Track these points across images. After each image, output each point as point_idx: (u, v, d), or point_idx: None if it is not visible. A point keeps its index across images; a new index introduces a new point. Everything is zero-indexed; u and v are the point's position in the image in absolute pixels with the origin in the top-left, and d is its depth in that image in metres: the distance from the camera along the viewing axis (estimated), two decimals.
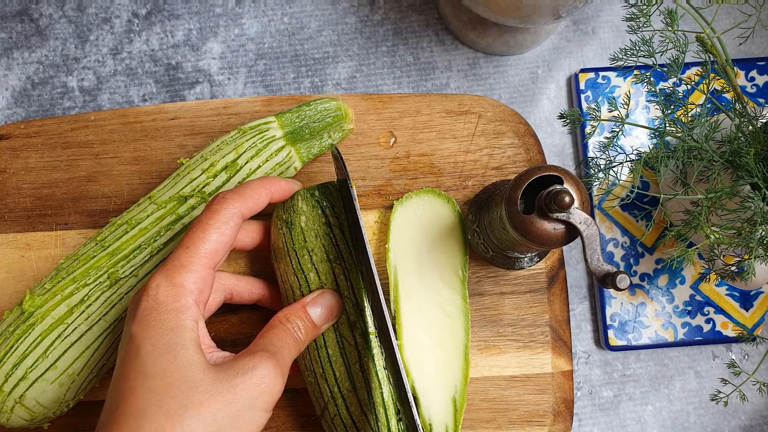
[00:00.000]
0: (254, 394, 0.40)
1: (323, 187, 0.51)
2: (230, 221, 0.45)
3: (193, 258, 0.43)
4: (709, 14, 0.49)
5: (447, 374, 0.55)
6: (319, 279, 0.49)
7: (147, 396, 0.39)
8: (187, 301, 0.42)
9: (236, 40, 0.62)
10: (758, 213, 0.43)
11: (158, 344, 0.40)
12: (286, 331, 0.46)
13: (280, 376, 0.42)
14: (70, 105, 0.62)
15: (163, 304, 0.41)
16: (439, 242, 0.56)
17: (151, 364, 0.40)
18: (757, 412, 0.60)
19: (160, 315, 0.41)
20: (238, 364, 0.41)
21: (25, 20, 0.62)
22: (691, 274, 0.60)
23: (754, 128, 0.47)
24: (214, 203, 0.45)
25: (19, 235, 0.57)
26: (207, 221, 0.44)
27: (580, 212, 0.42)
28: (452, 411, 0.54)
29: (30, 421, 0.50)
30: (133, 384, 0.39)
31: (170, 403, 0.38)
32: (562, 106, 0.63)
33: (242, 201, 0.46)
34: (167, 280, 0.42)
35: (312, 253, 0.49)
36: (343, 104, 0.56)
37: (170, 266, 0.43)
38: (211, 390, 0.39)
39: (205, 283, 0.43)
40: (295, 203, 0.50)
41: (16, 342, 0.49)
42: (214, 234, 0.44)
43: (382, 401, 0.49)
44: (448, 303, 0.56)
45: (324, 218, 0.50)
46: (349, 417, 0.49)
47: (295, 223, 0.50)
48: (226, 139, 0.54)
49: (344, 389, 0.49)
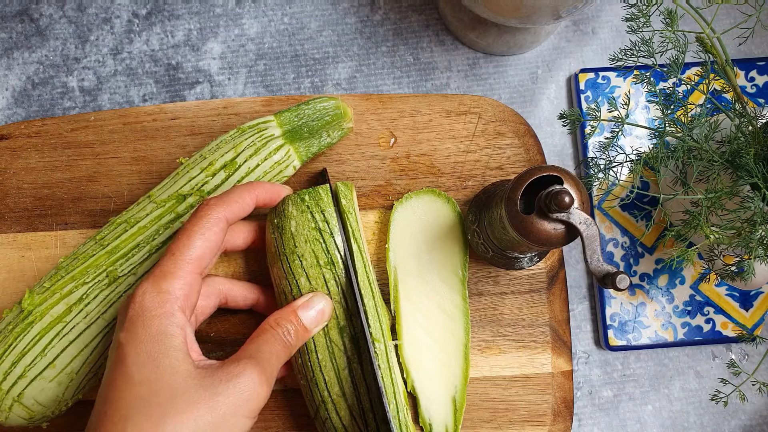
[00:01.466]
0: (237, 401, 0.41)
1: (314, 191, 0.51)
2: (214, 227, 0.46)
3: (178, 264, 0.44)
4: (708, 14, 0.49)
5: (447, 374, 0.55)
6: (309, 284, 0.49)
7: (133, 402, 0.40)
8: (172, 307, 0.43)
9: (236, 40, 0.62)
10: (758, 213, 0.43)
11: (143, 352, 0.41)
12: (275, 336, 0.46)
13: (264, 384, 0.42)
14: (71, 105, 0.62)
15: (148, 310, 0.42)
16: (439, 242, 0.57)
17: (137, 372, 0.40)
18: (757, 412, 0.60)
19: (146, 321, 0.42)
20: (223, 372, 0.42)
21: (25, 20, 0.62)
22: (691, 274, 0.60)
23: (753, 128, 0.47)
24: (198, 210, 0.46)
25: (20, 235, 0.57)
26: (192, 228, 0.45)
27: (580, 212, 0.42)
28: (452, 411, 0.54)
29: (29, 420, 0.50)
30: (120, 391, 0.40)
31: (154, 410, 0.39)
32: (562, 106, 0.63)
33: (226, 206, 0.47)
34: (153, 287, 0.43)
35: (302, 258, 0.49)
36: (342, 103, 0.56)
37: (156, 273, 0.44)
38: (194, 397, 0.40)
39: (191, 289, 0.44)
40: (285, 208, 0.51)
41: (14, 340, 0.49)
42: (199, 240, 0.45)
43: (370, 406, 0.49)
44: (448, 303, 0.56)
45: (314, 223, 0.50)
46: (339, 421, 0.49)
47: (285, 227, 0.50)
48: (225, 138, 0.54)
49: (333, 394, 0.49)
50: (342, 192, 0.53)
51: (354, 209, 0.53)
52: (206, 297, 0.51)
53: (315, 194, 0.51)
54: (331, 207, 0.51)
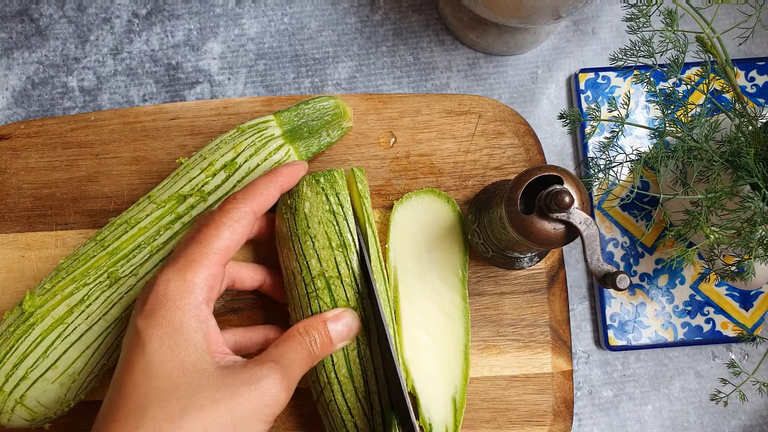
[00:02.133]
0: (257, 405, 0.40)
1: (329, 174, 0.51)
2: (242, 219, 0.45)
3: (205, 254, 0.43)
4: (708, 14, 0.49)
5: (447, 374, 0.55)
6: (320, 265, 0.49)
7: (150, 395, 0.39)
8: (196, 299, 0.42)
9: (236, 40, 0.62)
10: (758, 213, 0.43)
11: (165, 344, 0.40)
12: (302, 343, 0.45)
13: (285, 390, 0.42)
14: (70, 105, 0.62)
15: (171, 300, 0.41)
16: (439, 242, 0.57)
17: (157, 364, 0.40)
18: (756, 412, 0.60)
19: (168, 312, 0.41)
20: (246, 373, 0.41)
21: (25, 20, 0.62)
22: (690, 274, 0.60)
23: (753, 128, 0.47)
24: (225, 203, 0.46)
25: (20, 235, 0.57)
26: (220, 219, 0.45)
27: (580, 212, 0.42)
28: (452, 411, 0.54)
29: (31, 421, 0.50)
30: (137, 380, 0.40)
31: (173, 405, 0.39)
32: (562, 106, 0.63)
33: (252, 199, 0.47)
34: (178, 275, 0.42)
35: (314, 240, 0.50)
36: (342, 102, 0.56)
37: (182, 261, 0.43)
38: (215, 396, 0.39)
39: (215, 280, 0.43)
40: (300, 189, 0.51)
41: (16, 342, 0.49)
42: (227, 232, 0.44)
43: (377, 389, 0.49)
44: (448, 303, 0.56)
45: (328, 205, 0.50)
46: (344, 403, 0.49)
47: (299, 208, 0.50)
48: (225, 138, 0.54)
49: (341, 375, 0.49)
50: (358, 177, 0.53)
51: (367, 194, 0.53)
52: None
53: (330, 177, 0.51)
54: (345, 190, 0.51)
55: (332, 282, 0.49)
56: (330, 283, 0.49)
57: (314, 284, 0.49)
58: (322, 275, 0.49)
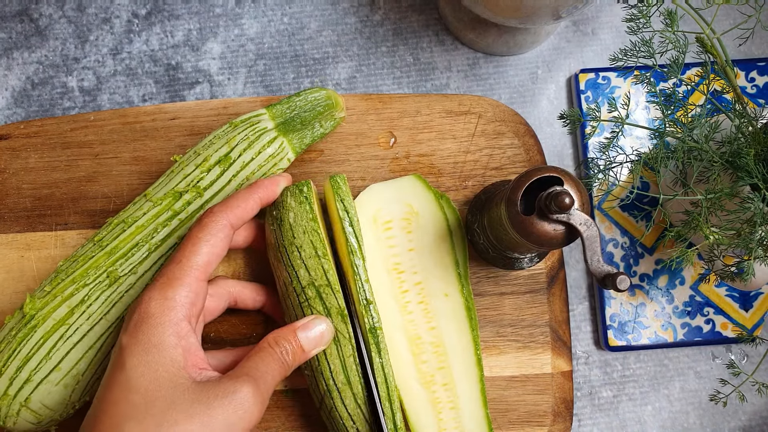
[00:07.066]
0: (231, 419, 0.41)
1: (311, 183, 0.51)
2: (219, 233, 0.46)
3: (185, 271, 0.44)
4: (708, 15, 0.49)
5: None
6: (309, 274, 0.49)
7: (127, 410, 0.40)
8: (176, 315, 0.43)
9: (236, 40, 0.62)
10: (758, 214, 0.43)
11: (143, 360, 0.41)
12: (273, 355, 0.46)
13: (259, 403, 0.42)
14: (70, 105, 0.62)
15: (152, 317, 0.42)
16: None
17: (135, 379, 0.41)
18: (756, 412, 0.60)
19: (149, 329, 0.42)
20: (220, 387, 0.42)
21: (25, 20, 0.62)
22: (690, 274, 0.60)
23: (754, 129, 0.47)
24: (203, 217, 0.47)
25: (19, 236, 0.57)
26: (197, 235, 0.46)
27: (581, 213, 0.42)
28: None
29: (37, 424, 0.50)
30: (116, 396, 0.41)
31: (148, 420, 0.39)
32: (562, 106, 0.63)
33: (230, 211, 0.47)
34: (159, 293, 0.43)
35: (301, 249, 0.50)
36: (333, 93, 0.56)
37: (163, 280, 0.44)
38: (189, 410, 0.40)
39: (197, 296, 0.45)
40: (284, 199, 0.51)
41: (18, 345, 0.49)
42: (205, 247, 0.45)
43: (377, 394, 0.49)
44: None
45: (311, 214, 0.50)
46: (344, 409, 0.49)
47: (284, 219, 0.50)
48: (218, 133, 0.54)
49: (339, 382, 0.49)
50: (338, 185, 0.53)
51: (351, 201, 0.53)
52: (217, 299, 0.51)
53: (312, 186, 0.51)
54: (330, 196, 0.51)
55: (322, 290, 0.49)
56: (320, 291, 0.49)
57: (305, 294, 0.49)
58: (311, 284, 0.49)
